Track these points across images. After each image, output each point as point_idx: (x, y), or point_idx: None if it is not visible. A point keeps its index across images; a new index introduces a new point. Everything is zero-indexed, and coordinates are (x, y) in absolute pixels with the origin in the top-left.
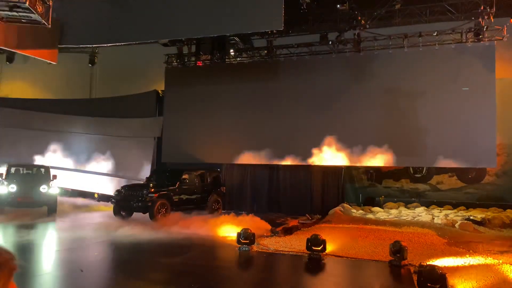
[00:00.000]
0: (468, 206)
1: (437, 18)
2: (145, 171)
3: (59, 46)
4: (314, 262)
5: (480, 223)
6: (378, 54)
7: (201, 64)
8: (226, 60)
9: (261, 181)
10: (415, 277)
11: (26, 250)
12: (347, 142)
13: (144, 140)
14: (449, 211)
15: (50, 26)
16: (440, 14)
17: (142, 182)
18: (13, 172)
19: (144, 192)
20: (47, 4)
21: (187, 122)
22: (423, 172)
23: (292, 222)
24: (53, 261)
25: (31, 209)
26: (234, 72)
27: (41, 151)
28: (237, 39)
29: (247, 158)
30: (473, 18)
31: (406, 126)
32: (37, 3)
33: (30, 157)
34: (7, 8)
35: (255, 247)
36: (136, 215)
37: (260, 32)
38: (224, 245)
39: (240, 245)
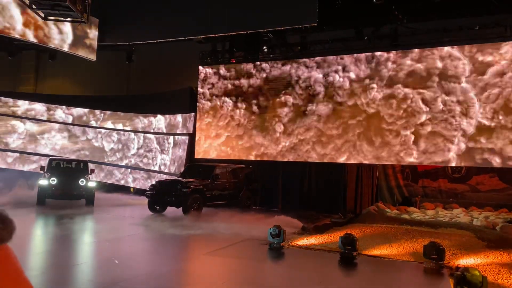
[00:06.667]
0: (511, 208)
1: (479, 11)
2: (179, 167)
3: (97, 43)
4: (346, 261)
5: None
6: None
7: (234, 61)
8: (260, 56)
9: (293, 178)
10: (451, 280)
11: (65, 241)
12: (382, 139)
13: (178, 136)
14: (489, 213)
15: (88, 24)
16: (482, 6)
17: (176, 178)
18: (53, 165)
19: (178, 187)
20: (86, 2)
21: (219, 118)
22: (462, 172)
23: (324, 221)
24: (90, 252)
25: (70, 201)
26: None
27: (81, 146)
28: (270, 35)
29: (279, 155)
30: None
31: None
32: (76, 1)
33: (69, 152)
34: (48, 7)
35: (285, 244)
36: (169, 209)
37: (293, 28)
38: (255, 241)
39: (270, 242)
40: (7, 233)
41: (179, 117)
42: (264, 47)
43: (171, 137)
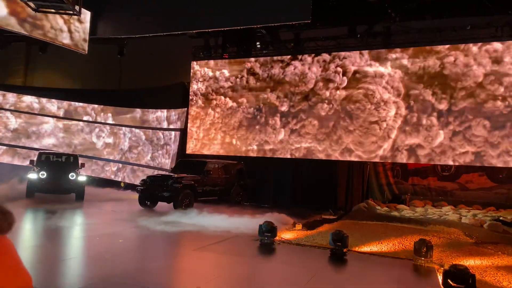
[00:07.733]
0: (498, 206)
1: (472, 12)
2: (171, 162)
3: (89, 36)
4: (336, 257)
5: (510, 224)
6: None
7: (227, 57)
8: (252, 52)
9: (285, 175)
10: (440, 277)
11: (54, 235)
12: (371, 137)
13: (170, 132)
14: (477, 211)
15: (80, 16)
16: (476, 7)
17: (167, 173)
18: (43, 159)
19: (169, 182)
20: None
21: (212, 114)
22: (451, 170)
23: (315, 217)
24: (79, 247)
25: (60, 195)
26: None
27: (71, 140)
28: (263, 31)
29: (270, 151)
30: (510, 11)
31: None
32: None
33: (60, 146)
34: None
35: (276, 240)
36: (160, 204)
37: (287, 25)
38: (245, 237)
39: (261, 237)
40: (7, 224)
41: (171, 112)
42: (257, 43)
43: (163, 132)
